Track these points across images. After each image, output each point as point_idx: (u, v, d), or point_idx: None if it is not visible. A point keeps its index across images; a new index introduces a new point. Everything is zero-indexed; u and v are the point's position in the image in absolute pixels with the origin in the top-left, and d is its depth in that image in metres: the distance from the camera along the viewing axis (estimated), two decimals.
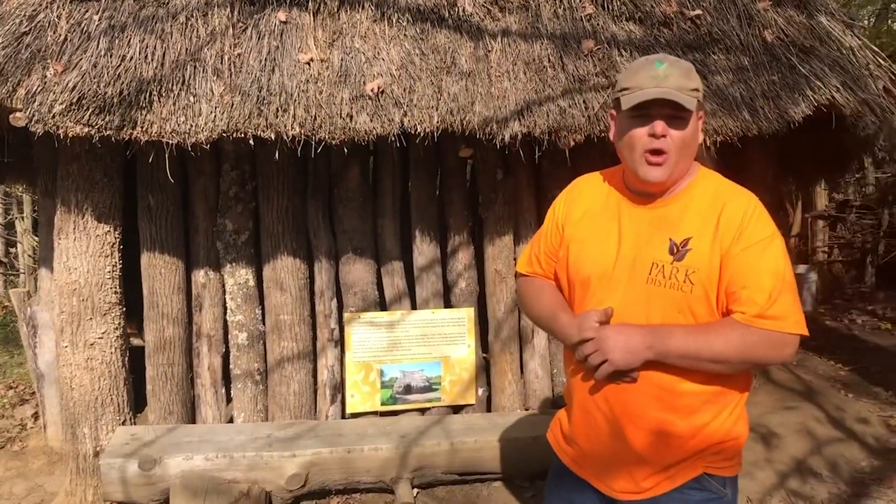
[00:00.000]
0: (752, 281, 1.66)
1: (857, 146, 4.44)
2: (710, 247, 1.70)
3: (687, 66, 1.75)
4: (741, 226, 1.69)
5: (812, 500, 3.68)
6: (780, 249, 1.71)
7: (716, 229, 1.70)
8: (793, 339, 1.67)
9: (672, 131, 1.70)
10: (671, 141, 1.71)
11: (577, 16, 3.88)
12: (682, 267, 1.70)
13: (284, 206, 3.93)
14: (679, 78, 1.70)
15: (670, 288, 1.71)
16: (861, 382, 5.45)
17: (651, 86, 1.68)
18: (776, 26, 4.04)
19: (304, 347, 4.00)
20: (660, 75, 1.69)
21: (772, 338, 1.65)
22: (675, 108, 1.68)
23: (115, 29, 3.37)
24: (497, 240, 4.16)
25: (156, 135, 3.17)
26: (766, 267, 1.67)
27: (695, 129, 1.76)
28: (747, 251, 1.67)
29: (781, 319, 1.64)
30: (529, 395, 4.26)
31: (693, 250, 1.71)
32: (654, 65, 1.72)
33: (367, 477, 3.61)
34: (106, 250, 3.71)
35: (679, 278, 1.70)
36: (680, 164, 1.74)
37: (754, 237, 1.68)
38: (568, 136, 3.49)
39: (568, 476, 1.98)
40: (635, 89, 1.70)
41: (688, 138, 1.73)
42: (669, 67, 1.71)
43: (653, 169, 1.73)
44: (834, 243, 8.56)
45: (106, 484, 3.44)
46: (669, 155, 1.71)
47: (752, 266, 1.67)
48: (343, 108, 3.32)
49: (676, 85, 1.68)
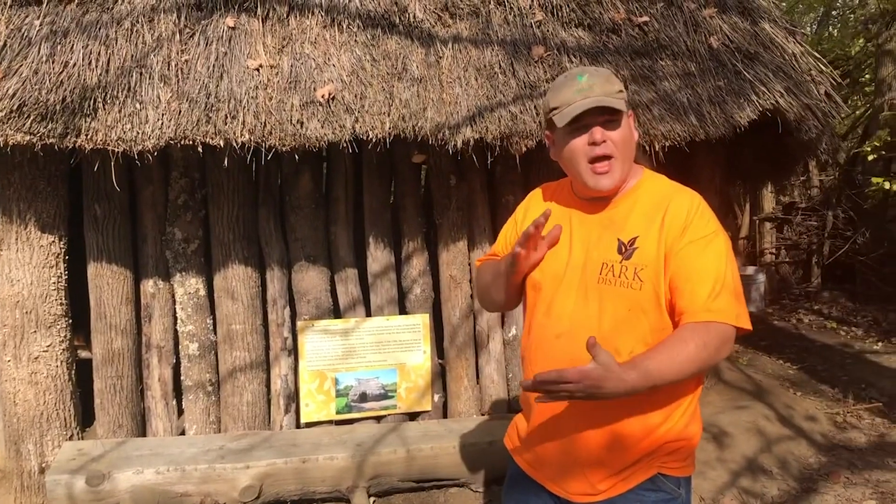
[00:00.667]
0: (695, 275, 1.68)
1: (802, 150, 4.55)
2: (656, 244, 1.73)
3: (606, 73, 1.82)
4: (685, 222, 1.73)
5: (763, 497, 3.75)
6: (724, 246, 1.74)
7: (661, 227, 1.74)
8: (733, 332, 1.68)
9: (610, 134, 1.77)
10: (612, 144, 1.77)
11: (527, 22, 3.91)
12: (631, 265, 1.74)
13: (235, 214, 3.88)
14: (602, 85, 1.77)
15: (620, 286, 1.74)
16: (809, 381, 5.59)
17: (579, 98, 1.75)
18: (721, 33, 4.13)
19: (256, 357, 3.95)
20: (584, 87, 1.76)
21: (719, 332, 1.65)
22: (608, 112, 1.75)
23: (57, 35, 3.30)
24: (451, 245, 4.16)
25: (101, 143, 3.10)
26: (709, 262, 1.69)
27: (629, 128, 1.83)
28: (690, 246, 1.70)
29: (723, 313, 1.65)
30: (485, 401, 4.27)
31: (640, 248, 1.75)
32: (576, 79, 1.79)
33: (322, 487, 3.57)
34: (51, 261, 3.62)
35: (628, 276, 1.74)
36: (625, 165, 1.80)
37: (698, 233, 1.72)
38: (520, 142, 3.50)
39: (524, 480, 1.99)
40: (565, 106, 1.77)
41: (626, 137, 1.80)
42: (591, 78, 1.78)
43: (601, 178, 1.79)
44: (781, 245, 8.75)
45: (52, 501, 3.34)
46: (614, 158, 1.77)
47: (695, 261, 1.69)
48: (293, 114, 3.29)
49: (602, 91, 1.75)
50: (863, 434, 4.54)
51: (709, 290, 1.66)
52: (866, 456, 4.22)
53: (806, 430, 4.49)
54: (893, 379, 5.33)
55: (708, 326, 1.64)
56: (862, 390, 5.27)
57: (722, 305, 1.66)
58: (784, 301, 8.34)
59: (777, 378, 5.58)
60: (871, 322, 7.19)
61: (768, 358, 6.17)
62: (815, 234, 8.49)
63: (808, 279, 8.69)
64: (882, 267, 7.85)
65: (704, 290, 1.66)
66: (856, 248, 8.05)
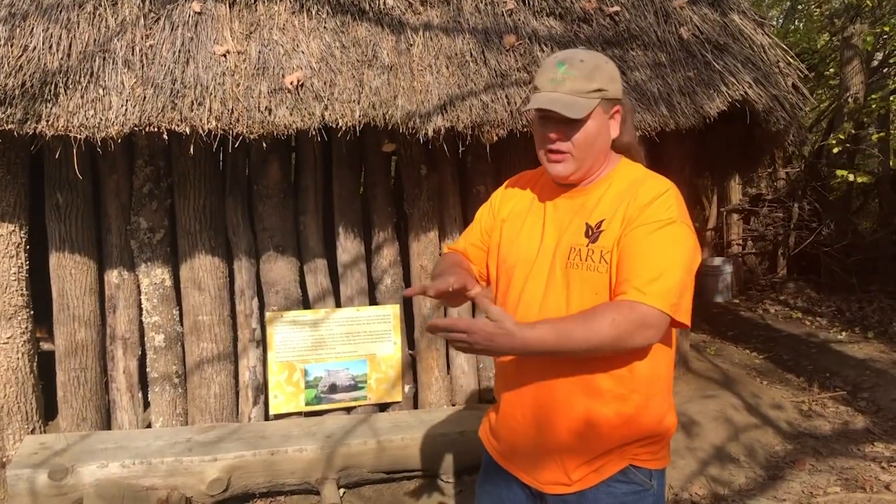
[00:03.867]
0: (639, 256, 1.64)
1: (769, 141, 4.59)
2: (619, 226, 1.70)
3: (591, 66, 1.73)
4: (646, 206, 1.69)
5: (731, 485, 3.78)
6: (680, 235, 1.68)
7: (626, 209, 1.71)
8: (659, 319, 1.61)
9: (570, 133, 1.73)
10: (570, 143, 1.73)
11: (498, 11, 3.89)
12: (597, 248, 1.71)
13: (202, 204, 3.81)
14: (577, 80, 1.70)
15: (587, 270, 1.72)
16: (775, 370, 5.66)
17: (548, 89, 1.72)
18: (692, 23, 4.14)
19: (224, 348, 3.90)
20: (557, 78, 1.71)
21: (643, 314, 1.59)
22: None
23: (15, 17, 3.21)
24: (422, 236, 4.14)
25: (63, 129, 3.03)
26: (655, 246, 1.64)
27: (599, 126, 1.76)
28: (642, 228, 1.66)
29: (653, 297, 1.58)
30: (456, 391, 4.26)
31: (605, 231, 1.72)
32: (556, 66, 1.73)
33: (291, 479, 3.54)
34: (11, 251, 3.53)
35: (595, 259, 1.71)
36: (586, 161, 1.77)
37: (653, 217, 1.67)
38: (491, 131, 3.48)
39: (497, 472, 1.97)
40: (538, 90, 1.74)
41: (590, 138, 1.74)
42: (569, 69, 1.71)
43: (554, 165, 1.78)
44: (748, 236, 8.83)
45: (13, 496, 3.26)
46: (570, 154, 1.75)
47: (641, 242, 1.65)
48: (261, 101, 3.24)
49: (571, 89, 1.69)
50: (827, 422, 4.61)
51: (646, 272, 1.61)
52: (831, 443, 4.28)
53: (772, 419, 4.55)
54: (857, 368, 5.42)
55: (632, 306, 1.58)
56: (826, 379, 5.35)
57: (655, 290, 1.59)
58: (751, 292, 8.43)
59: (744, 367, 5.64)
60: (835, 312, 7.30)
61: (735, 348, 6.24)
62: (781, 225, 8.58)
63: (774, 270, 8.80)
64: (846, 258, 7.97)
65: (642, 271, 1.61)
66: (821, 239, 8.16)
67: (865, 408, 4.81)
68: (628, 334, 1.58)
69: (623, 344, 1.60)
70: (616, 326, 1.56)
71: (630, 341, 1.60)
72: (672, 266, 1.62)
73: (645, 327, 1.59)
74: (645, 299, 1.58)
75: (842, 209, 8.59)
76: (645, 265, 1.62)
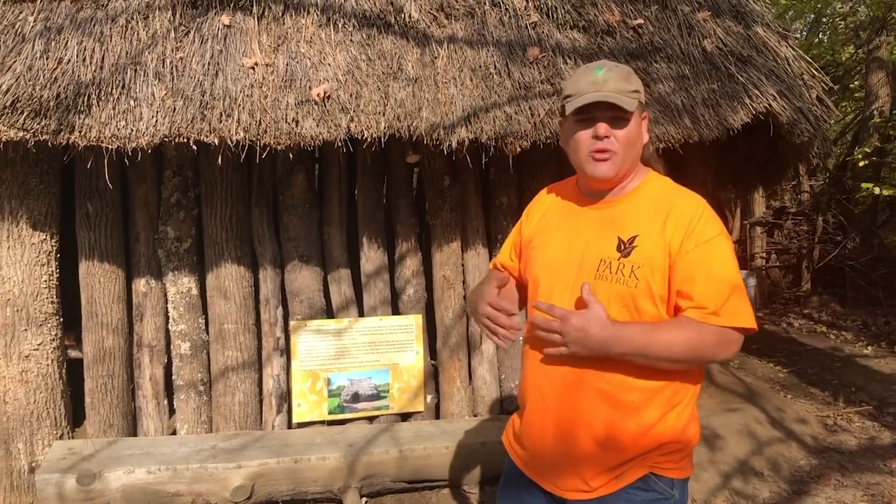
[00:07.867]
0: (704, 279, 1.70)
1: (793, 154, 4.57)
2: (655, 244, 1.75)
3: (626, 71, 1.82)
4: (689, 226, 1.74)
5: (755, 499, 3.76)
6: (729, 249, 1.76)
7: (663, 228, 1.75)
8: (741, 335, 1.73)
9: (615, 131, 1.78)
10: (615, 140, 1.78)
11: (522, 23, 3.91)
12: (629, 263, 1.75)
13: (228, 213, 3.87)
14: (618, 81, 1.77)
15: (616, 283, 1.76)
16: (799, 384, 5.61)
17: (591, 90, 1.76)
18: (715, 36, 4.14)
19: (248, 357, 3.94)
20: (599, 80, 1.77)
21: (725, 334, 1.70)
22: (615, 109, 1.76)
23: (51, 31, 3.28)
24: (445, 246, 4.16)
25: (95, 139, 3.09)
26: (717, 265, 1.72)
27: (637, 129, 1.83)
28: (697, 250, 1.72)
29: (735, 315, 1.70)
30: (478, 402, 4.26)
31: (639, 247, 1.76)
32: (593, 71, 1.81)
33: (314, 487, 3.56)
34: (42, 259, 3.60)
35: (625, 273, 1.75)
36: (626, 162, 1.81)
37: (703, 236, 1.73)
38: (514, 143, 3.50)
39: (519, 478, 1.99)
40: (577, 95, 1.79)
41: (632, 137, 1.80)
42: (608, 72, 1.79)
43: (599, 165, 1.80)
44: (771, 249, 8.78)
45: (42, 501, 3.32)
46: (615, 153, 1.78)
47: (703, 264, 1.71)
48: (288, 112, 3.29)
49: (615, 88, 1.76)
50: (853, 437, 4.56)
51: (719, 294, 1.70)
52: (857, 458, 4.24)
53: (797, 433, 4.51)
54: (883, 382, 5.36)
55: (714, 329, 1.69)
56: (852, 393, 5.30)
57: (733, 307, 1.70)
58: (774, 305, 8.38)
59: (768, 381, 5.60)
60: (860, 326, 7.23)
61: (759, 361, 6.20)
62: (805, 238, 8.53)
63: (798, 283, 8.73)
64: (871, 271, 7.90)
65: (715, 293, 1.70)
66: (845, 252, 8.09)
67: (892, 423, 4.76)
68: (714, 348, 1.72)
69: (706, 357, 1.75)
70: (702, 339, 1.69)
71: (714, 355, 1.76)
72: (731, 282, 1.72)
73: (725, 343, 1.72)
74: (725, 321, 1.69)
75: (867, 222, 8.51)
76: (710, 288, 1.70)
